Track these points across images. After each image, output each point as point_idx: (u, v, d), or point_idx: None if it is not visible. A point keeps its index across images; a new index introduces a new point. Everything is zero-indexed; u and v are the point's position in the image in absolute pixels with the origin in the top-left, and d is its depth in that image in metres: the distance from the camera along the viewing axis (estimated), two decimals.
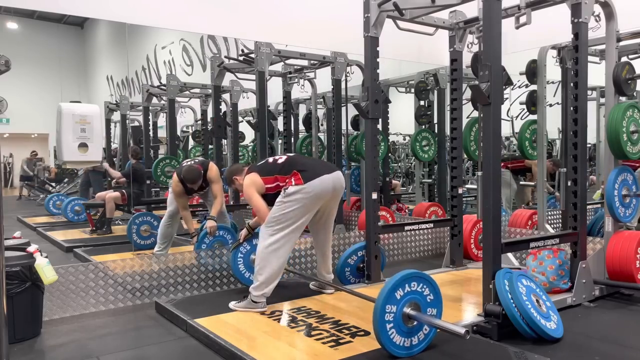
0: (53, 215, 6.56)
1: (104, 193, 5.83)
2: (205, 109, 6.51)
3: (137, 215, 5.21)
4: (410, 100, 6.46)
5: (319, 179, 3.24)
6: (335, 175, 3.34)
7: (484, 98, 2.81)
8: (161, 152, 6.57)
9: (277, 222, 3.22)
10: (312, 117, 6.60)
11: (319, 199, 3.28)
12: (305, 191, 3.20)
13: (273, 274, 3.23)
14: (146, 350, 2.85)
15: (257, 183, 3.38)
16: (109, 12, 4.14)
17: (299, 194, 3.19)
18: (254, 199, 3.36)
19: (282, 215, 3.21)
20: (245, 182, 3.42)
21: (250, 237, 3.73)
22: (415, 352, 2.51)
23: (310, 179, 3.23)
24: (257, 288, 3.23)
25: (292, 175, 3.27)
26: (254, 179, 3.39)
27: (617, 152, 3.59)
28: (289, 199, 3.20)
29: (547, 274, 3.43)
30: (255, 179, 3.39)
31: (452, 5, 3.79)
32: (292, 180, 3.25)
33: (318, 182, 3.23)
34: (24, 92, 6.12)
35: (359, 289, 3.56)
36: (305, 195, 3.20)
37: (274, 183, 3.36)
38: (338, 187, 3.38)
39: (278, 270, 3.25)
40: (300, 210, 3.22)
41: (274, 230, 3.22)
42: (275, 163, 3.44)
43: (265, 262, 3.22)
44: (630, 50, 4.65)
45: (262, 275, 3.22)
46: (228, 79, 5.89)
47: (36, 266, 2.87)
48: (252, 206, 3.45)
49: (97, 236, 5.67)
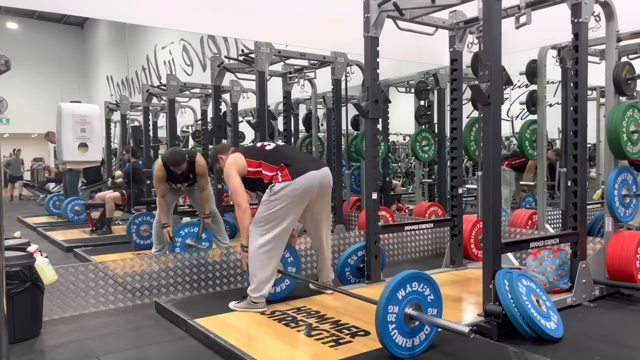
0: (53, 215, 6.56)
1: (104, 193, 5.83)
2: (205, 109, 6.51)
3: (137, 215, 5.21)
4: (410, 100, 6.46)
5: (305, 175, 3.19)
6: (323, 172, 3.30)
7: (484, 98, 2.81)
8: (162, 153, 6.57)
9: (266, 222, 3.19)
10: (312, 117, 6.60)
11: (306, 196, 3.25)
12: (292, 187, 3.16)
13: (269, 274, 3.23)
14: (146, 350, 2.85)
15: (240, 163, 3.34)
16: (109, 12, 4.14)
17: (285, 190, 3.15)
18: (232, 179, 3.30)
19: (271, 215, 3.18)
20: (228, 161, 3.38)
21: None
22: (417, 353, 2.51)
23: (298, 174, 3.18)
24: (254, 290, 3.23)
25: (278, 169, 3.23)
26: (237, 159, 3.36)
27: (617, 152, 3.58)
28: (275, 197, 3.16)
29: (547, 274, 3.43)
30: (239, 160, 3.36)
31: (452, 5, 3.79)
32: (278, 176, 3.20)
33: (304, 179, 3.19)
34: (24, 92, 6.11)
35: (359, 289, 3.56)
36: (292, 193, 3.16)
37: (257, 168, 3.32)
38: (325, 184, 3.33)
39: (273, 270, 3.25)
40: (288, 207, 3.18)
41: (263, 230, 3.20)
42: (262, 148, 3.43)
43: (259, 262, 3.21)
44: (630, 50, 4.65)
45: (257, 276, 3.21)
46: (228, 79, 5.89)
47: (36, 266, 2.87)
48: (229, 186, 3.37)
49: (97, 236, 5.67)
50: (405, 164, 9.06)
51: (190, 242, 4.60)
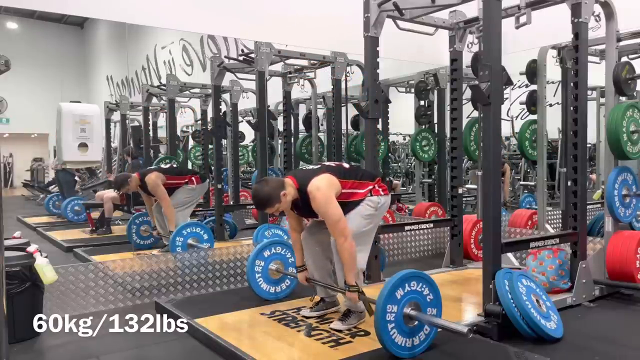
0: (53, 215, 6.57)
1: (103, 192, 5.83)
2: (205, 109, 6.52)
3: (137, 216, 5.21)
4: (410, 100, 6.46)
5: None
6: None
7: (484, 98, 2.81)
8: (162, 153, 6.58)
9: (362, 241, 2.87)
10: (312, 117, 6.60)
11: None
12: (388, 203, 3.00)
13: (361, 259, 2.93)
14: (146, 350, 2.85)
15: (337, 187, 2.78)
16: (109, 12, 4.14)
17: (387, 203, 2.97)
18: (335, 208, 2.70)
19: (371, 231, 2.96)
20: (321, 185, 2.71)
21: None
22: (417, 353, 2.51)
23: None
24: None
25: (375, 183, 2.93)
26: (333, 182, 2.77)
27: (617, 152, 3.58)
28: (379, 211, 2.92)
29: (547, 274, 3.43)
30: (334, 182, 2.78)
31: (452, 5, 3.79)
32: (379, 190, 2.92)
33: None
34: (24, 92, 6.12)
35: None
36: (386, 207, 3.00)
37: (350, 189, 2.85)
38: None
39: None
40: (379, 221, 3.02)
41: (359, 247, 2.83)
42: (341, 166, 2.98)
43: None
44: (630, 50, 4.64)
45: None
46: (228, 79, 5.89)
47: (36, 266, 2.87)
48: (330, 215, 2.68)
49: (97, 236, 5.68)
50: (405, 164, 9.06)
51: (191, 242, 4.60)
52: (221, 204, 5.37)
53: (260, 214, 5.14)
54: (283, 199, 2.75)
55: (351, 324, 2.88)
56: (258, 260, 3.51)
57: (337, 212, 2.69)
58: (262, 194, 2.75)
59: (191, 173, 5.17)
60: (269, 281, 3.51)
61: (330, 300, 3.14)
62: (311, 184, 2.73)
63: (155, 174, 4.71)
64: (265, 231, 4.57)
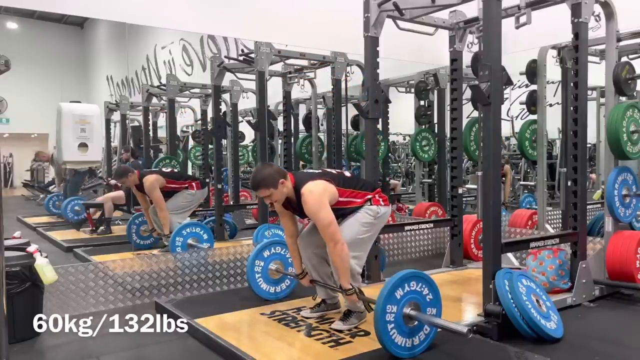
0: (53, 215, 6.56)
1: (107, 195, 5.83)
2: (205, 109, 6.52)
3: (137, 216, 5.21)
4: (410, 100, 6.46)
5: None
6: None
7: (484, 98, 2.81)
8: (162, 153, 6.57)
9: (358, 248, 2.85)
10: (312, 117, 6.60)
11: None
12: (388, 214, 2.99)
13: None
14: (146, 350, 2.85)
15: (332, 193, 2.79)
16: (109, 12, 4.14)
17: (387, 214, 2.96)
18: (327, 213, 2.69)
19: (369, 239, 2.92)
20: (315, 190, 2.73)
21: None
22: (417, 353, 2.51)
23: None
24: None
25: (375, 193, 2.93)
26: (328, 188, 2.78)
27: (617, 152, 3.58)
28: (378, 220, 2.91)
29: (547, 274, 3.43)
30: (330, 189, 2.79)
31: (452, 5, 3.80)
32: (379, 200, 2.91)
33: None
34: (24, 92, 6.11)
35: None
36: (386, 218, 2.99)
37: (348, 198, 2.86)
38: None
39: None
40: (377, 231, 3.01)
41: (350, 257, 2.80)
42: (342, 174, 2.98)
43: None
44: (630, 50, 4.64)
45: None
46: (228, 79, 5.89)
47: (36, 266, 2.87)
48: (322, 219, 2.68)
49: (97, 236, 5.67)
50: (405, 164, 9.06)
51: (191, 242, 4.60)
52: (221, 204, 5.38)
53: (260, 214, 5.13)
54: (280, 187, 2.76)
55: (352, 324, 2.89)
56: (258, 260, 3.51)
57: (328, 217, 2.70)
58: (263, 172, 2.78)
59: (191, 178, 5.17)
60: (269, 281, 3.52)
61: (331, 302, 3.14)
62: (305, 187, 2.74)
63: (155, 177, 4.69)
64: (265, 231, 4.57)
